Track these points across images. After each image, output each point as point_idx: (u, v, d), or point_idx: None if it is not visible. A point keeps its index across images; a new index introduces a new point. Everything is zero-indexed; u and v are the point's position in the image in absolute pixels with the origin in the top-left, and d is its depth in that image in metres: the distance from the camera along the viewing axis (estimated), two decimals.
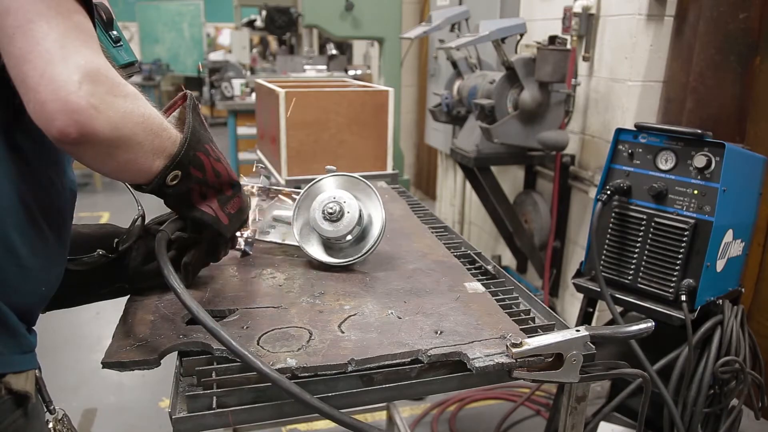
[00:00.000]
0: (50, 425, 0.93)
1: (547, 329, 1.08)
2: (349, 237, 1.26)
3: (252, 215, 1.37)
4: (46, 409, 0.91)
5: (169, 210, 1.04)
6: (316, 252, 1.29)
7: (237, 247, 1.31)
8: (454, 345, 0.96)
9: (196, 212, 0.98)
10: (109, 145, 0.76)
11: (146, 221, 1.11)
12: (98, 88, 0.73)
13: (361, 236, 1.29)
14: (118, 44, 0.98)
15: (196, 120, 0.95)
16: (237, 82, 5.97)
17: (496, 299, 1.17)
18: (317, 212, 1.26)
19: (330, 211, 1.25)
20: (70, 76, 0.70)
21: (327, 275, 1.26)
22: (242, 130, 5.73)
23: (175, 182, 0.90)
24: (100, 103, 0.73)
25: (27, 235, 0.80)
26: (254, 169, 1.57)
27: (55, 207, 0.86)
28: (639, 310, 1.91)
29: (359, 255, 1.28)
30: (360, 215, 1.26)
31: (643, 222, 1.90)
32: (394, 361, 0.93)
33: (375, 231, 1.28)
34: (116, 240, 1.07)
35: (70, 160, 0.92)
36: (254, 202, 1.40)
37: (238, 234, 1.22)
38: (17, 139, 0.80)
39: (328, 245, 1.30)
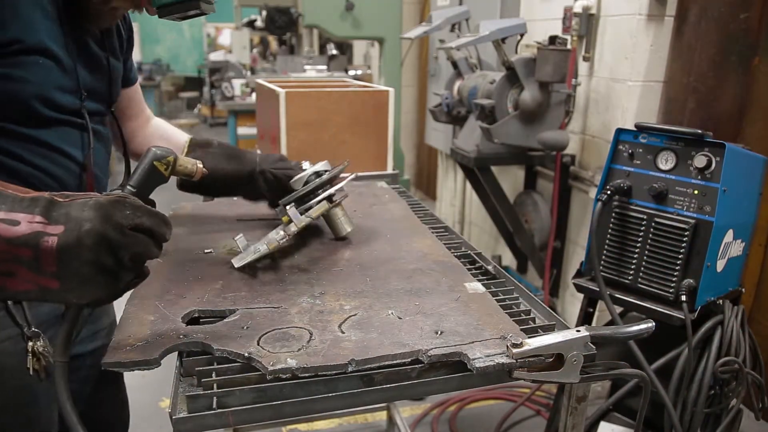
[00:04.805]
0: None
1: (548, 329, 1.08)
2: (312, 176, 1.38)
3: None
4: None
5: None
6: (295, 215, 1.31)
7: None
8: (455, 345, 0.96)
9: (19, 295, 0.77)
10: None
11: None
12: None
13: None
14: None
15: None
16: (237, 82, 5.99)
17: (496, 299, 1.17)
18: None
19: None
20: None
21: (327, 275, 1.26)
22: (242, 130, 5.74)
23: None
24: None
25: None
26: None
27: None
28: (639, 310, 1.91)
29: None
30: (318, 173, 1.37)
31: (644, 222, 1.90)
32: (395, 362, 0.93)
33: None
34: None
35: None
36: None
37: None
38: None
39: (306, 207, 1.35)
